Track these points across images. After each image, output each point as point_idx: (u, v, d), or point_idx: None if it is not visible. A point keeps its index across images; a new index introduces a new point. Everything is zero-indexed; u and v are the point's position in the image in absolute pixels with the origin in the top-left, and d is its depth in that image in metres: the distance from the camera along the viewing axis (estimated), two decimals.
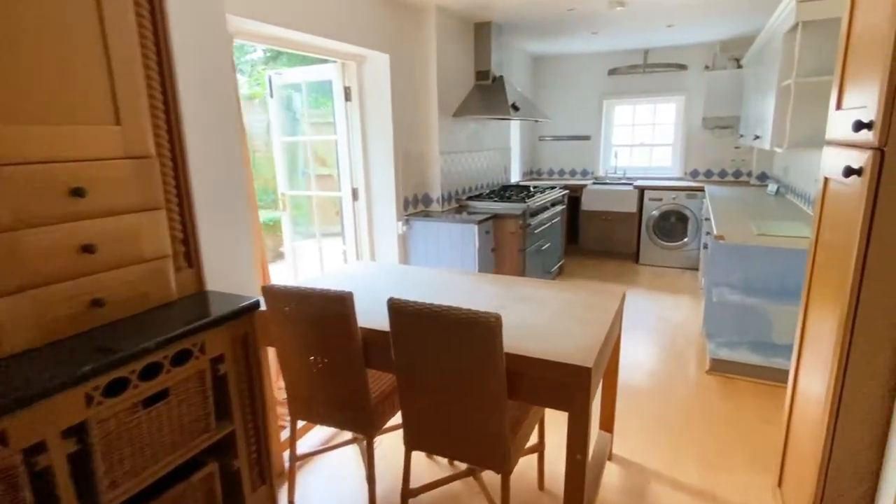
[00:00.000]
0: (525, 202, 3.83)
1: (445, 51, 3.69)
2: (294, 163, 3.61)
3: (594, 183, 5.95)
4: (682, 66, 5.30)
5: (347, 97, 3.36)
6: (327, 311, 1.62)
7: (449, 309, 1.39)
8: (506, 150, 5.12)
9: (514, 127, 5.81)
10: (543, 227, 4.19)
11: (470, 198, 4.12)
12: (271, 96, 3.39)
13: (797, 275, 2.86)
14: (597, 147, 6.07)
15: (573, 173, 6.26)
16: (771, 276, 2.92)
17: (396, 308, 1.48)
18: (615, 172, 5.99)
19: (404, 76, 3.44)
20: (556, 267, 4.68)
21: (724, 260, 3.00)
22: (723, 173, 5.52)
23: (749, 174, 5.37)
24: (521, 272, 3.82)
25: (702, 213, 4.95)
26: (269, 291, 1.70)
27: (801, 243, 2.50)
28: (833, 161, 1.42)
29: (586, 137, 6.08)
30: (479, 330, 1.36)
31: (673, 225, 5.33)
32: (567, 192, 5.03)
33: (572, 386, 1.37)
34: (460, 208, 3.95)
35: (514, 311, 1.74)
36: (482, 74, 4.13)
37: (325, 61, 3.22)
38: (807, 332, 1.63)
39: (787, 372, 1.78)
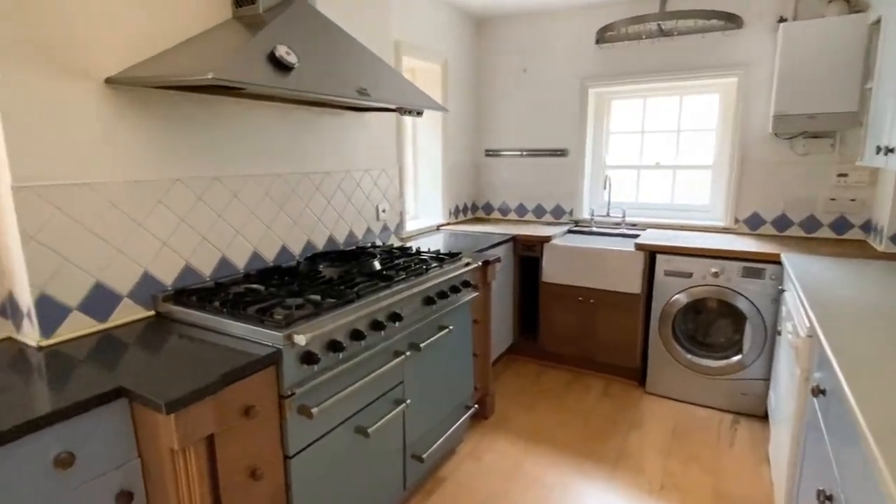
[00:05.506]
0: (282, 322, 1.34)
1: None
2: None
3: (569, 232, 3.41)
4: (733, 20, 2.78)
5: None
6: None
7: None
8: (377, 171, 2.67)
9: (426, 129, 3.35)
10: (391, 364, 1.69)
11: (180, 293, 1.64)
12: None
13: None
14: (578, 169, 3.53)
15: (540, 212, 3.73)
16: None
17: None
18: (608, 215, 3.44)
19: None
20: (451, 430, 2.14)
21: None
22: (811, 224, 2.90)
23: (869, 227, 2.74)
24: None
25: (777, 310, 2.36)
26: None
27: None
28: None
29: (561, 153, 3.56)
30: None
31: (713, 323, 2.74)
32: (490, 259, 2.52)
33: None
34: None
35: None
36: None
37: None
38: None
39: None
